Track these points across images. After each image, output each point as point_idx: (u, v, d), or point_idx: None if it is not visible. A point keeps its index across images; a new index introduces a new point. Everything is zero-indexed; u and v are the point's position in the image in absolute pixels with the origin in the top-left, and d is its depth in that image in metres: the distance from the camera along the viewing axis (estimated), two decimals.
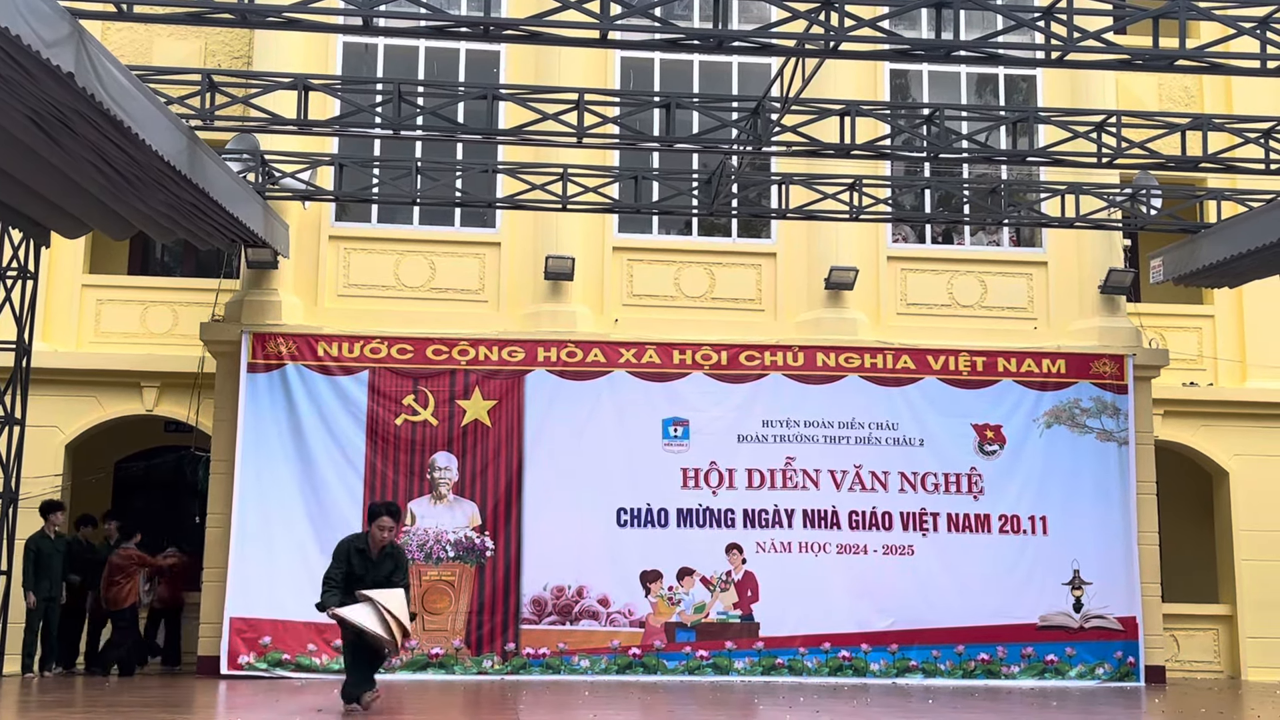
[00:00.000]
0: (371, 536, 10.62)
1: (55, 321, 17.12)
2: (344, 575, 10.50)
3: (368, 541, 10.66)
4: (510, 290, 16.71)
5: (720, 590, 16.15)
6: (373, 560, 10.61)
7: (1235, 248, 14.56)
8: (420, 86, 13.99)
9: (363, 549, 10.63)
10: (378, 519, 10.57)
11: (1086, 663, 16.30)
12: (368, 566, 10.58)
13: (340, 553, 10.65)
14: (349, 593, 10.41)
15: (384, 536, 10.59)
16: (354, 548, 10.63)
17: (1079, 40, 10.57)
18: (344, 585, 10.45)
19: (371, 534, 10.62)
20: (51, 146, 10.72)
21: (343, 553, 10.62)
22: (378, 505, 10.77)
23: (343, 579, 10.48)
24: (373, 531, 10.60)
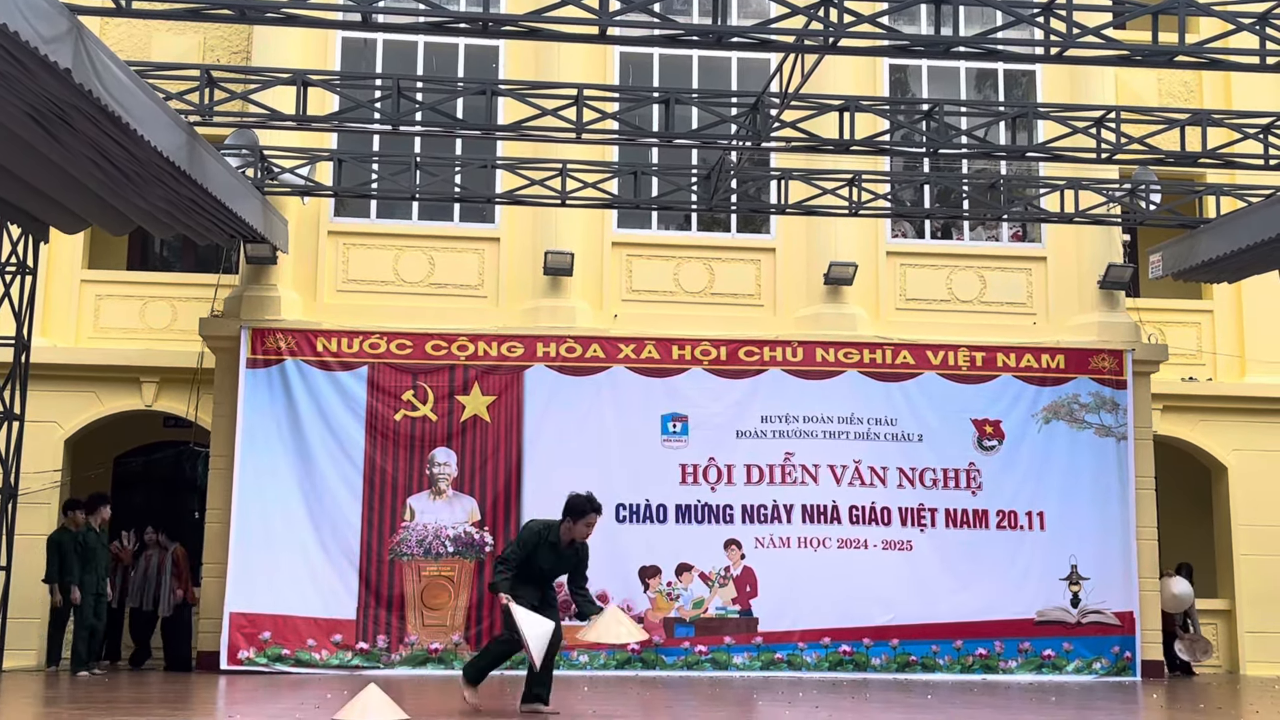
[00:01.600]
0: (569, 530, 10.17)
1: (54, 317, 17.11)
2: (522, 561, 10.10)
3: (559, 534, 10.21)
4: (509, 286, 16.70)
5: (719, 586, 16.16)
6: (560, 553, 10.22)
7: (1234, 243, 14.57)
8: (419, 82, 13.98)
9: (554, 541, 10.19)
10: (585, 516, 10.12)
11: (1084, 658, 16.32)
12: (555, 559, 10.21)
13: (528, 539, 10.20)
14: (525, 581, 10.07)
15: (585, 533, 10.23)
16: (545, 539, 10.18)
17: (1078, 36, 10.57)
18: (519, 572, 10.07)
19: (573, 528, 10.15)
20: (50, 142, 10.71)
21: (531, 540, 10.18)
22: (588, 502, 10.23)
23: (519, 565, 10.08)
24: (577, 527, 10.14)
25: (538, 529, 10.30)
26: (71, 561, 14.92)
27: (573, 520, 10.16)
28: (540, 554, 10.16)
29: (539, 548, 10.16)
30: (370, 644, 15.53)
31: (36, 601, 15.82)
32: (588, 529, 10.22)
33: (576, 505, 10.19)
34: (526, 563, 10.14)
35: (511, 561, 10.11)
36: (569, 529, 10.18)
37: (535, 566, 10.17)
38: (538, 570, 10.19)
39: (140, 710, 10.36)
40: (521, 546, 10.18)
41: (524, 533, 10.41)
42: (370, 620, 15.58)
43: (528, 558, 10.14)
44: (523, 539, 10.28)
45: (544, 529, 10.27)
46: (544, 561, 10.19)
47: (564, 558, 10.25)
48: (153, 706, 10.88)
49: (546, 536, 10.21)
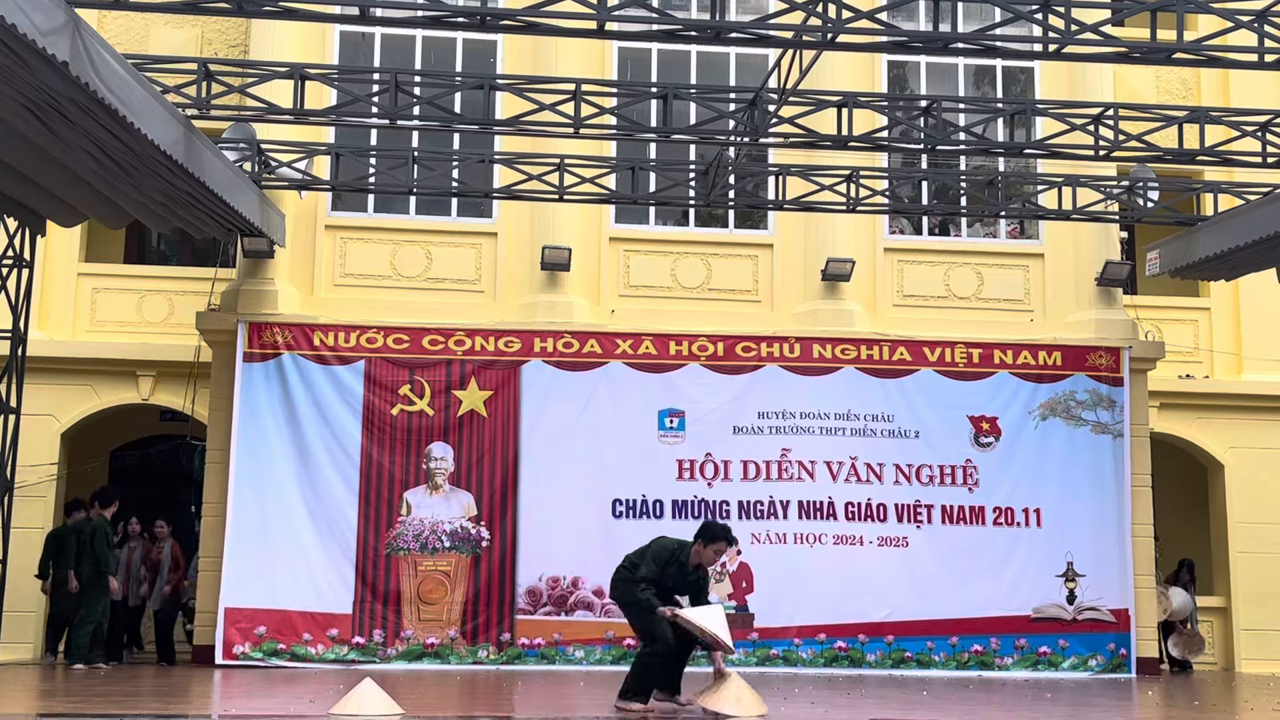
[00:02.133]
0: (698, 553, 10.12)
1: (51, 310, 17.11)
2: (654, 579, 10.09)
3: (689, 555, 10.17)
4: (507, 280, 16.70)
5: (715, 581, 16.12)
6: (686, 573, 10.19)
7: (1232, 240, 14.57)
8: (417, 76, 13.97)
9: (684, 561, 10.15)
10: (716, 543, 10.06)
11: (1079, 654, 16.33)
12: (680, 578, 10.18)
13: (661, 555, 10.17)
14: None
15: (713, 560, 10.21)
16: (676, 557, 10.15)
17: (1076, 32, 10.57)
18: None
19: (703, 552, 10.10)
20: (47, 135, 10.70)
21: (663, 557, 10.16)
22: (724, 531, 10.17)
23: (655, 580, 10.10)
24: (706, 552, 10.09)
25: (671, 547, 10.28)
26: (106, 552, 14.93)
27: (704, 544, 10.12)
28: (670, 571, 10.16)
29: (669, 565, 10.16)
30: (366, 638, 15.53)
31: (33, 595, 15.82)
32: (716, 556, 10.20)
33: (711, 531, 10.17)
34: (658, 581, 10.13)
35: (651, 579, 10.10)
36: (699, 552, 10.15)
37: (663, 582, 10.16)
38: (664, 586, 10.17)
39: (135, 704, 10.36)
40: (656, 563, 10.17)
41: (656, 549, 10.31)
42: (366, 615, 15.58)
43: (659, 574, 10.13)
44: (655, 555, 10.23)
45: (677, 548, 10.26)
46: (673, 580, 10.19)
47: (688, 579, 10.22)
48: (147, 701, 10.87)
49: (678, 555, 10.21)
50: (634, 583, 10.16)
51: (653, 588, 10.07)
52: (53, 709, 9.73)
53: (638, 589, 10.10)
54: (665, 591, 10.19)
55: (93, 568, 14.83)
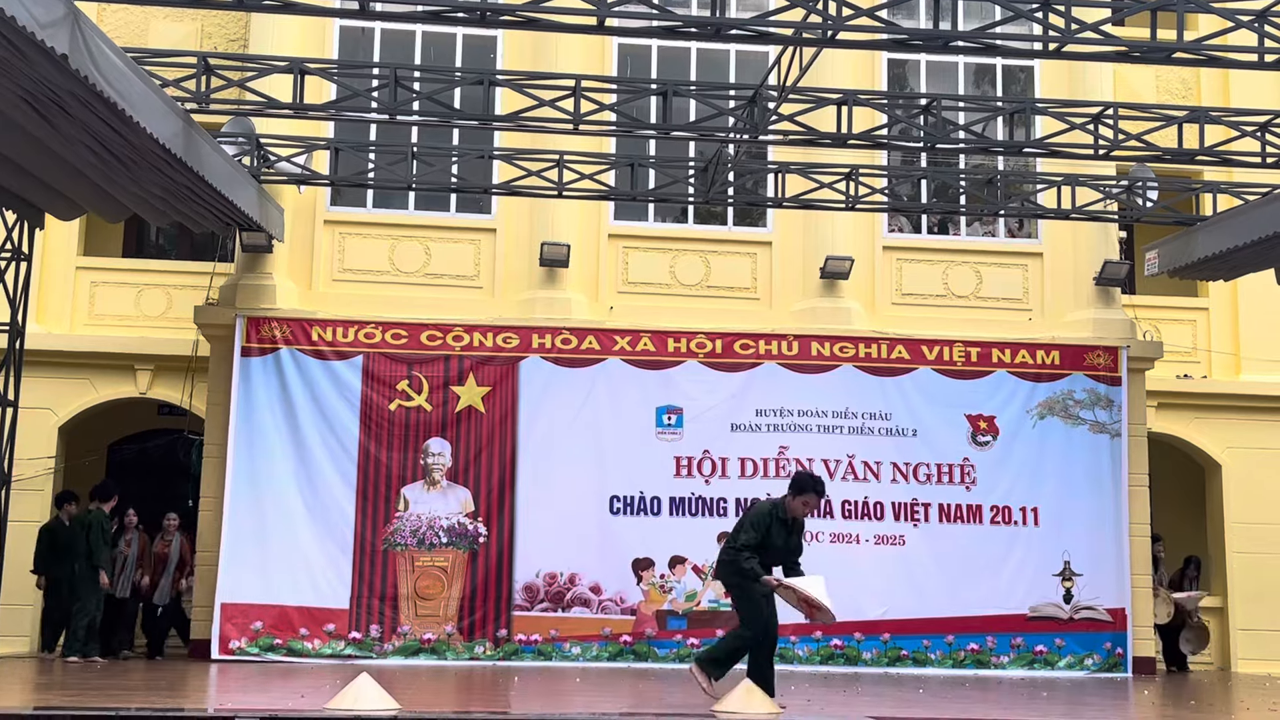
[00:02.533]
0: (792, 508, 10.07)
1: (49, 303, 17.10)
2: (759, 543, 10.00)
3: (784, 509, 10.12)
4: (505, 276, 16.69)
5: (712, 578, 16.15)
6: (789, 529, 10.13)
7: (1231, 241, 14.56)
8: (417, 71, 13.95)
9: (783, 518, 10.09)
10: (804, 495, 10.00)
11: (1075, 654, 16.34)
12: (786, 535, 10.10)
13: (761, 520, 10.07)
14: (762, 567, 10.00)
15: (802, 512, 10.12)
16: (776, 515, 10.07)
17: (1077, 31, 10.57)
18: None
19: (794, 506, 10.05)
20: (46, 128, 10.68)
21: (764, 520, 10.06)
22: (810, 480, 10.11)
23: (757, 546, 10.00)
24: (794, 504, 10.03)
25: (767, 508, 10.20)
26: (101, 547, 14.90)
27: (793, 495, 10.08)
28: (774, 533, 10.06)
29: (771, 526, 10.07)
30: (363, 634, 15.53)
31: (29, 588, 15.81)
32: (804, 509, 10.11)
33: (799, 482, 10.11)
34: (763, 547, 10.02)
35: (753, 545, 9.99)
36: (789, 504, 10.10)
37: (771, 547, 10.05)
38: (773, 551, 10.06)
39: (130, 698, 10.35)
40: (755, 528, 10.06)
41: (754, 515, 10.21)
42: (363, 610, 15.58)
43: (764, 540, 10.03)
44: (754, 521, 10.12)
45: (773, 506, 10.20)
46: (777, 540, 10.07)
47: (792, 533, 10.15)
48: (143, 695, 10.86)
49: (776, 514, 10.12)
50: (736, 553, 10.05)
51: (756, 555, 9.96)
52: (48, 702, 9.73)
53: (741, 558, 9.98)
54: (776, 555, 10.06)
55: (86, 561, 14.82)
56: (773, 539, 10.04)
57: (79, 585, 14.84)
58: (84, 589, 14.84)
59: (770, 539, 10.03)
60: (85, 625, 14.81)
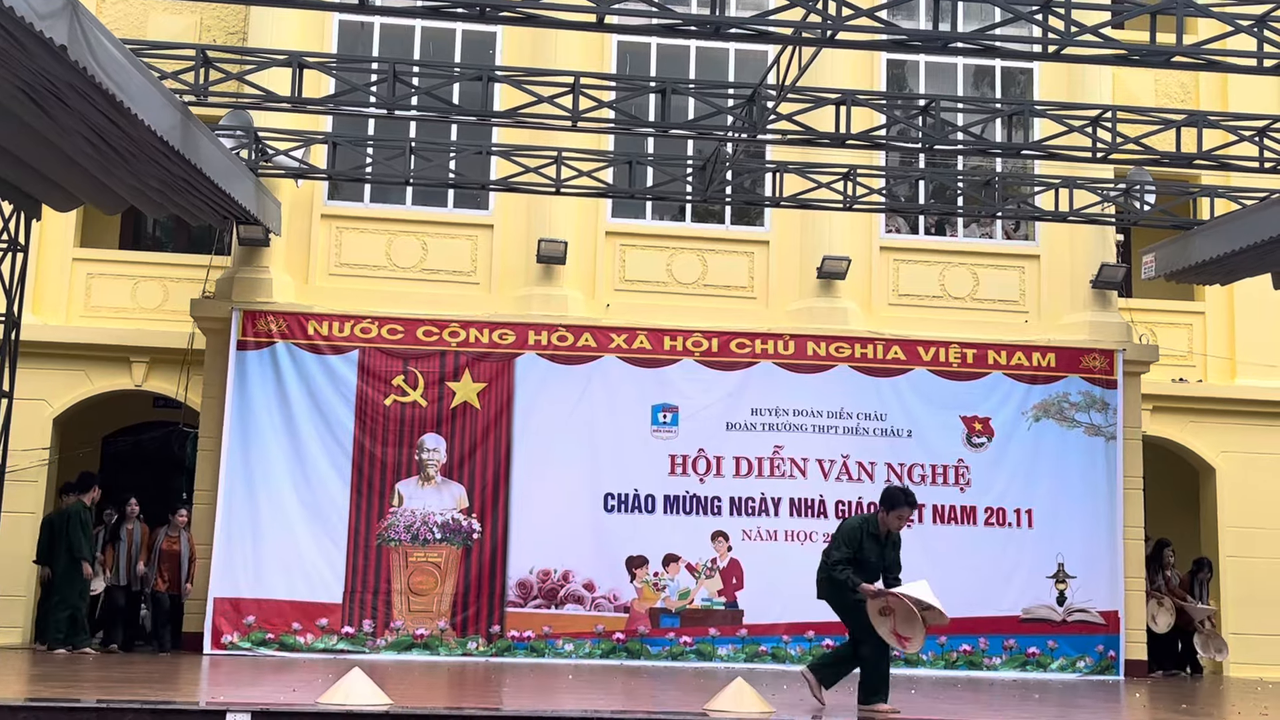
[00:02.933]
0: (885, 522, 10.20)
1: (45, 295, 17.08)
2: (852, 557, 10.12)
3: (878, 525, 10.24)
4: (502, 273, 16.68)
5: (705, 577, 16.18)
6: (882, 544, 10.24)
7: (1228, 245, 14.57)
8: (415, 66, 13.93)
9: (875, 533, 10.21)
10: (897, 509, 10.13)
11: (1068, 656, 16.36)
12: (879, 551, 10.22)
13: (852, 536, 10.20)
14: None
15: (897, 526, 10.23)
16: (867, 530, 10.21)
17: (1076, 34, 10.57)
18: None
19: (888, 520, 10.18)
20: (44, 119, 10.67)
21: (854, 536, 10.19)
22: (904, 494, 10.23)
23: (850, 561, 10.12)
24: (889, 518, 10.17)
25: (857, 523, 10.35)
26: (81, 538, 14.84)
27: (886, 511, 10.20)
28: (866, 548, 10.19)
29: (863, 541, 10.20)
30: (356, 628, 15.53)
31: (22, 579, 15.80)
32: (900, 522, 10.23)
33: (891, 497, 10.24)
34: (855, 562, 10.16)
35: (846, 559, 10.13)
36: (883, 518, 10.23)
37: (864, 561, 10.17)
38: (868, 565, 10.18)
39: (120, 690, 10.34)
40: (848, 543, 10.21)
41: (845, 531, 10.34)
42: (356, 605, 15.58)
43: (858, 554, 10.17)
44: (845, 536, 10.26)
45: (863, 522, 10.34)
46: (870, 554, 10.19)
47: (886, 549, 10.27)
48: (135, 688, 10.85)
49: (867, 529, 10.25)
50: (831, 569, 10.20)
51: (850, 566, 10.09)
52: (39, 694, 9.72)
53: (836, 571, 10.13)
54: (872, 570, 10.16)
55: (67, 553, 14.79)
56: (865, 553, 10.18)
57: (59, 577, 14.82)
58: (64, 580, 14.80)
59: (863, 553, 10.18)
60: (67, 617, 14.78)
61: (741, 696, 9.94)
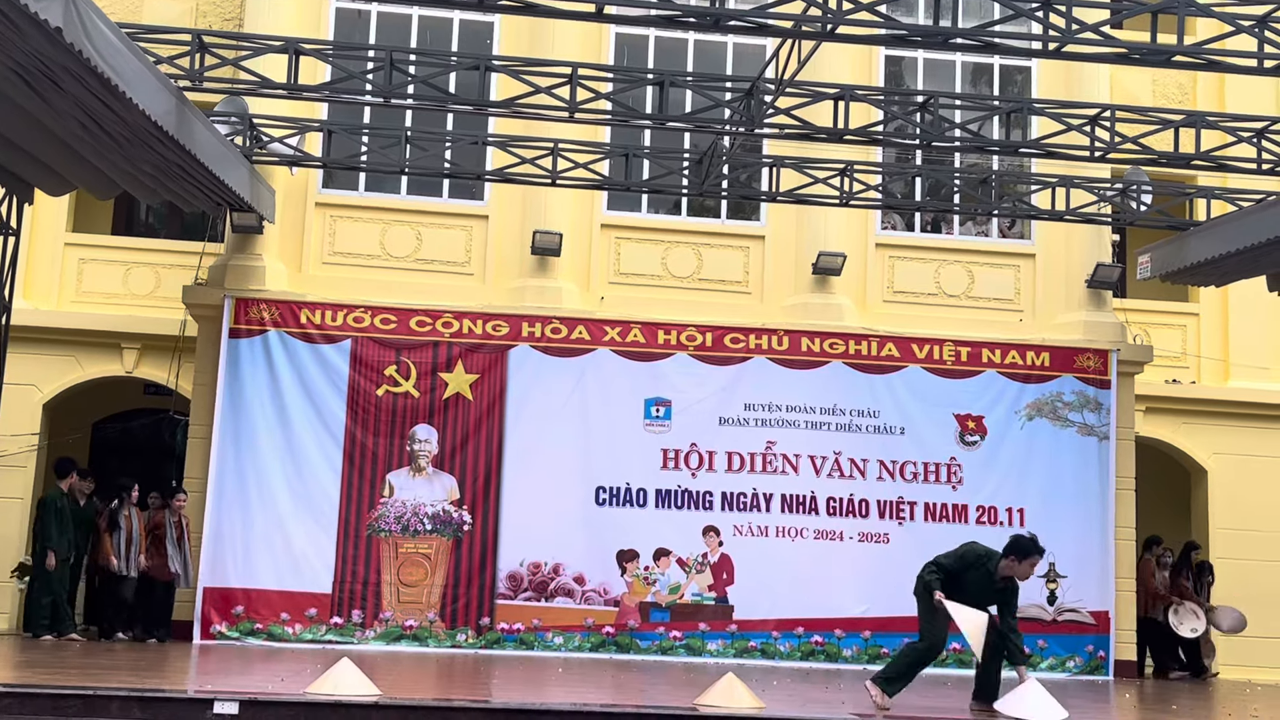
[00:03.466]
0: (1010, 567, 10.15)
1: (36, 279, 16.97)
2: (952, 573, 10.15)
3: (998, 567, 10.17)
4: (496, 264, 16.63)
5: (696, 572, 16.15)
6: (992, 585, 10.17)
7: (1223, 246, 14.55)
8: (412, 55, 13.87)
9: (991, 571, 10.17)
10: (1030, 557, 10.08)
11: (1058, 655, 16.36)
12: (983, 588, 10.16)
13: (969, 556, 10.23)
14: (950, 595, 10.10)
15: (1026, 574, 10.20)
16: (984, 564, 10.17)
17: (1077, 32, 10.53)
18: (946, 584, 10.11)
19: (1015, 566, 10.13)
20: (38, 102, 10.59)
21: (969, 558, 10.22)
22: (1034, 544, 10.16)
23: (949, 574, 10.14)
24: (1020, 566, 10.12)
25: (981, 553, 10.33)
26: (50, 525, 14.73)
27: (1017, 559, 10.15)
28: (971, 575, 10.19)
29: (973, 569, 10.20)
30: (345, 619, 15.47)
31: (9, 565, 15.70)
32: (1030, 569, 10.22)
33: (1023, 546, 10.19)
34: (954, 579, 10.17)
35: (945, 567, 10.19)
36: (1010, 566, 10.18)
37: (962, 586, 10.17)
38: (963, 590, 10.17)
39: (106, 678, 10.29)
40: (959, 559, 10.24)
41: (965, 550, 10.38)
42: (346, 595, 15.52)
43: (958, 574, 10.18)
44: (962, 554, 10.31)
45: (986, 555, 10.30)
46: (972, 585, 10.19)
47: (993, 591, 10.22)
48: (121, 675, 10.80)
49: (985, 563, 10.23)
50: (925, 566, 10.28)
51: (941, 573, 10.14)
52: (26, 680, 9.65)
53: (926, 570, 10.22)
54: (967, 597, 10.13)
55: (42, 541, 14.70)
56: (967, 584, 10.17)
57: (36, 566, 14.74)
58: (43, 568, 14.70)
59: (967, 578, 10.17)
60: (49, 604, 14.69)
61: (732, 692, 9.91)
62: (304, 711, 8.87)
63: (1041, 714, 10.00)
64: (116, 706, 8.68)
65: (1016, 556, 10.12)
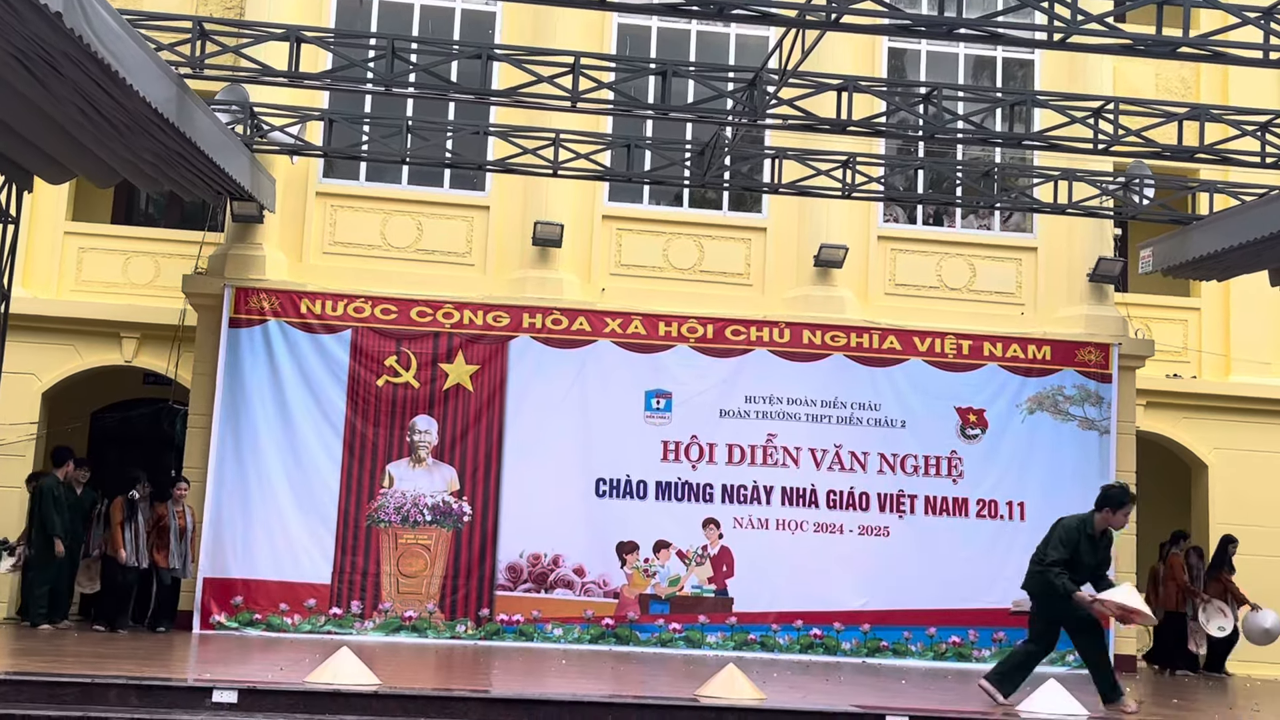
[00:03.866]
0: (1105, 519, 10.40)
1: (36, 268, 16.94)
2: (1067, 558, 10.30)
3: (1093, 525, 10.43)
4: (497, 255, 16.59)
5: (696, 564, 16.11)
6: (1096, 544, 10.45)
7: (1226, 241, 14.51)
8: (414, 43, 13.82)
9: (1090, 534, 10.41)
10: (1124, 506, 10.36)
11: (1057, 650, 16.25)
12: (1093, 551, 10.43)
13: (1069, 536, 10.38)
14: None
15: (1123, 523, 10.48)
16: (1084, 532, 10.39)
17: (1082, 23, 10.49)
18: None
19: (1111, 518, 10.38)
20: (37, 88, 10.53)
21: (1072, 537, 10.37)
22: (1125, 492, 10.44)
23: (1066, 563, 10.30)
24: (1116, 517, 10.37)
25: (1074, 524, 10.49)
26: (51, 513, 14.69)
27: (1112, 510, 10.40)
28: (1083, 549, 10.36)
29: (1079, 543, 10.36)
30: (344, 610, 15.44)
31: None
32: (1125, 519, 10.45)
33: (1116, 497, 10.43)
34: (1069, 563, 10.32)
35: (1062, 560, 10.31)
36: (1106, 518, 10.42)
37: (1079, 563, 10.35)
38: (1081, 566, 10.37)
39: (103, 666, 10.27)
40: (1065, 544, 10.36)
41: (1060, 531, 10.49)
42: (345, 586, 15.49)
43: (1073, 553, 10.32)
44: (1062, 537, 10.42)
45: (1080, 523, 10.49)
46: (1087, 556, 10.38)
47: (1099, 548, 10.48)
48: (120, 663, 10.77)
49: (1084, 530, 10.42)
50: (1046, 569, 10.37)
51: (1066, 571, 10.28)
52: (23, 668, 9.62)
53: (1051, 574, 10.31)
54: (1084, 571, 10.39)
55: (41, 530, 14.65)
56: (1081, 555, 10.37)
57: (36, 554, 14.69)
58: (40, 557, 14.66)
59: (1079, 555, 10.36)
60: (46, 593, 14.65)
61: (733, 682, 9.89)
62: (303, 700, 8.85)
63: (1062, 713, 10.04)
64: (114, 695, 8.66)
65: (1111, 509, 10.42)
